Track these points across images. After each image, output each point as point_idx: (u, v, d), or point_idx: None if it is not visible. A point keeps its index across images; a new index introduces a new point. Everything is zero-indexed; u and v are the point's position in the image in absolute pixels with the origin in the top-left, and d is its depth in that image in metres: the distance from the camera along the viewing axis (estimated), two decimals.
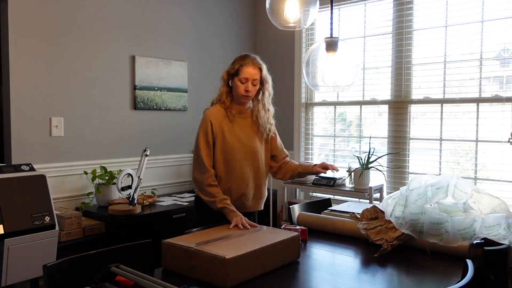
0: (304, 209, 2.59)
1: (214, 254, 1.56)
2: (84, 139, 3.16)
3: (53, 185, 2.87)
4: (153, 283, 1.33)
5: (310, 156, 4.16)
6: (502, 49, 3.12)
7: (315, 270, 1.79)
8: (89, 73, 3.17)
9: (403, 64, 3.54)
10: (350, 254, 1.97)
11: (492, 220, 1.90)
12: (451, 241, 1.88)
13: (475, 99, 3.22)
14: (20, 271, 2.23)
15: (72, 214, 2.70)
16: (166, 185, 3.70)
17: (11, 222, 2.14)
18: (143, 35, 3.49)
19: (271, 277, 1.66)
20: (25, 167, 2.33)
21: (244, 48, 4.37)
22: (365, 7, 3.77)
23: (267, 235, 1.85)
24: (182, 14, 3.78)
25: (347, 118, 4.01)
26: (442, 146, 3.38)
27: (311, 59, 2.22)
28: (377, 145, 3.67)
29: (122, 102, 3.38)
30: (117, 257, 1.67)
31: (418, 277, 1.71)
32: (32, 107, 2.88)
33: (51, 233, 2.31)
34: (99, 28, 3.21)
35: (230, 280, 1.53)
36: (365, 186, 3.42)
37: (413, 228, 1.94)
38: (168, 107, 3.67)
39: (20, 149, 2.83)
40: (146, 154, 3.01)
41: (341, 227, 2.23)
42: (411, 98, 3.52)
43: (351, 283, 1.66)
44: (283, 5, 2.04)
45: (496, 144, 3.12)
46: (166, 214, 3.06)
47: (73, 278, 1.57)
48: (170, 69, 3.67)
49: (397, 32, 3.56)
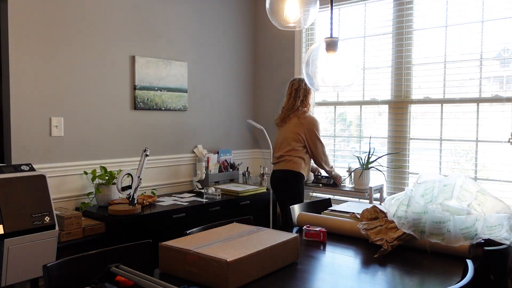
0: (304, 209, 2.59)
1: (215, 257, 1.54)
2: (84, 139, 3.16)
3: (53, 185, 2.87)
4: (153, 283, 1.32)
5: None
6: (502, 49, 3.12)
7: (315, 270, 1.79)
8: (89, 73, 3.17)
9: (403, 64, 3.54)
10: (350, 254, 1.97)
11: (495, 220, 1.89)
12: (453, 240, 1.88)
13: (475, 99, 3.22)
14: (20, 271, 2.23)
15: (72, 214, 2.70)
16: (166, 185, 3.70)
17: (11, 222, 2.14)
18: (143, 35, 3.49)
19: (271, 277, 1.66)
20: (25, 167, 2.33)
21: (244, 48, 4.37)
22: (365, 7, 3.77)
23: (267, 236, 1.85)
24: (182, 14, 3.78)
25: (347, 118, 4.01)
26: (442, 146, 3.38)
27: (311, 59, 2.22)
28: (377, 145, 3.67)
29: (122, 102, 3.38)
30: (117, 257, 1.67)
31: (418, 277, 1.71)
32: (32, 107, 2.88)
33: (51, 233, 2.31)
34: (99, 28, 3.21)
35: (232, 283, 1.52)
36: (365, 186, 3.42)
37: (415, 228, 1.94)
38: (168, 107, 3.67)
39: (20, 149, 2.83)
40: (146, 154, 3.01)
41: (341, 227, 2.23)
42: (411, 98, 3.52)
43: (351, 283, 1.66)
44: (283, 5, 2.04)
45: (496, 144, 3.12)
46: (166, 214, 3.06)
47: (73, 278, 1.56)
48: (170, 69, 3.67)
49: (397, 32, 3.56)
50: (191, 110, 3.87)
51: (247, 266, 1.58)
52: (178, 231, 2.08)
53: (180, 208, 3.14)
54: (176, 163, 3.79)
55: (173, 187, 3.77)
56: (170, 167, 3.74)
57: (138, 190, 2.97)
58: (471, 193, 2.06)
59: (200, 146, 3.93)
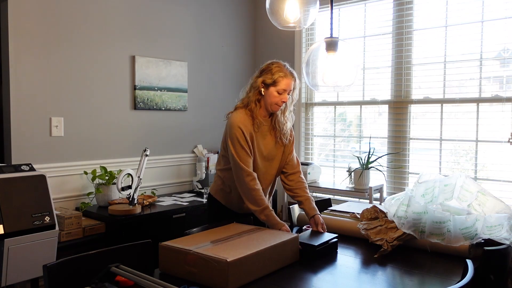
0: None
1: (215, 257, 1.54)
2: (84, 139, 3.15)
3: (53, 185, 2.87)
4: (153, 283, 1.32)
5: (310, 156, 4.16)
6: (502, 49, 3.12)
7: (315, 270, 1.78)
8: (89, 73, 3.17)
9: (403, 64, 3.54)
10: (350, 254, 1.97)
11: (495, 220, 1.90)
12: (453, 240, 1.88)
13: (475, 99, 3.22)
14: (20, 271, 2.22)
15: (72, 214, 2.70)
16: (166, 185, 3.70)
17: (11, 222, 2.14)
18: (143, 35, 3.49)
19: (271, 278, 1.66)
20: (25, 167, 2.33)
21: (244, 48, 4.37)
22: (365, 7, 3.77)
23: (267, 236, 1.85)
24: (182, 14, 3.78)
25: (347, 118, 4.01)
26: (442, 146, 3.38)
27: (311, 59, 2.22)
28: (377, 145, 3.67)
29: (122, 102, 3.38)
30: (117, 257, 1.67)
31: (418, 277, 1.71)
32: (32, 107, 2.88)
33: (51, 233, 2.31)
34: (99, 28, 3.21)
35: (232, 283, 1.52)
36: (365, 186, 3.42)
37: (415, 228, 1.94)
38: (168, 107, 3.67)
39: (20, 149, 2.83)
40: (146, 154, 3.01)
41: (341, 227, 2.23)
42: (411, 98, 3.52)
43: (351, 283, 1.66)
44: (283, 5, 2.04)
45: (496, 144, 3.12)
46: (166, 214, 3.06)
47: (73, 278, 1.56)
48: (170, 69, 3.67)
49: (397, 32, 3.56)
50: (191, 110, 3.87)
51: (247, 266, 1.58)
52: (178, 231, 2.08)
53: (180, 208, 3.14)
54: (176, 163, 3.79)
55: (173, 187, 3.76)
56: (170, 167, 3.74)
57: (138, 190, 2.97)
58: (471, 193, 2.06)
59: (200, 146, 3.93)
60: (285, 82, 2.16)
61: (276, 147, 2.28)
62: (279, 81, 2.16)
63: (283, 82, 2.16)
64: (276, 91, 2.16)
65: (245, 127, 2.16)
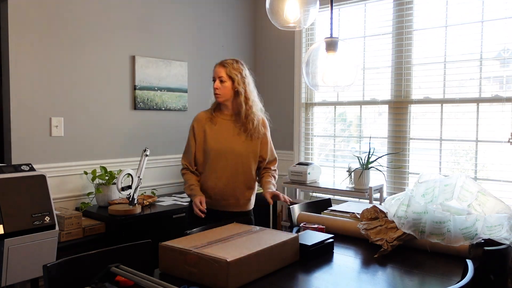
0: (304, 209, 2.59)
1: (215, 257, 1.54)
2: (84, 139, 3.15)
3: (53, 185, 2.87)
4: (153, 283, 1.32)
5: (310, 156, 4.16)
6: (502, 49, 3.12)
7: (315, 270, 1.79)
8: (89, 73, 3.17)
9: (403, 64, 3.54)
10: (350, 254, 1.97)
11: (495, 220, 1.90)
12: (453, 240, 1.88)
13: (475, 99, 3.22)
14: (20, 271, 2.23)
15: (72, 214, 2.70)
16: (166, 185, 3.70)
17: (11, 222, 2.14)
18: (143, 35, 3.49)
19: (271, 278, 1.66)
20: (25, 167, 2.33)
21: (244, 48, 4.37)
22: (365, 7, 3.77)
23: (267, 236, 1.85)
24: (182, 14, 3.78)
25: (347, 118, 4.01)
26: (442, 146, 3.38)
27: (311, 59, 2.22)
28: (377, 145, 3.67)
29: (122, 102, 3.38)
30: (117, 257, 1.67)
31: (418, 277, 1.71)
32: (32, 107, 2.88)
33: (51, 233, 2.31)
34: (99, 28, 3.21)
35: (232, 283, 1.52)
36: (365, 186, 3.42)
37: (415, 228, 1.94)
38: (168, 107, 3.67)
39: (20, 149, 2.83)
40: (146, 154, 3.01)
41: (341, 227, 2.23)
42: (411, 98, 3.52)
43: (351, 283, 1.66)
44: (283, 5, 2.04)
45: (496, 144, 3.12)
46: (166, 214, 3.06)
47: (73, 278, 1.56)
48: (170, 69, 3.67)
49: (397, 32, 3.56)
50: (191, 110, 3.86)
51: (247, 266, 1.58)
52: (178, 231, 2.08)
53: (180, 208, 3.14)
54: (176, 163, 3.78)
55: (173, 187, 3.76)
56: (170, 167, 3.74)
57: (138, 190, 2.97)
58: (471, 193, 2.06)
59: None
60: (214, 70, 2.40)
61: (242, 140, 2.40)
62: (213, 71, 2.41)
63: (213, 71, 2.40)
64: (212, 80, 2.41)
65: (198, 123, 2.46)
